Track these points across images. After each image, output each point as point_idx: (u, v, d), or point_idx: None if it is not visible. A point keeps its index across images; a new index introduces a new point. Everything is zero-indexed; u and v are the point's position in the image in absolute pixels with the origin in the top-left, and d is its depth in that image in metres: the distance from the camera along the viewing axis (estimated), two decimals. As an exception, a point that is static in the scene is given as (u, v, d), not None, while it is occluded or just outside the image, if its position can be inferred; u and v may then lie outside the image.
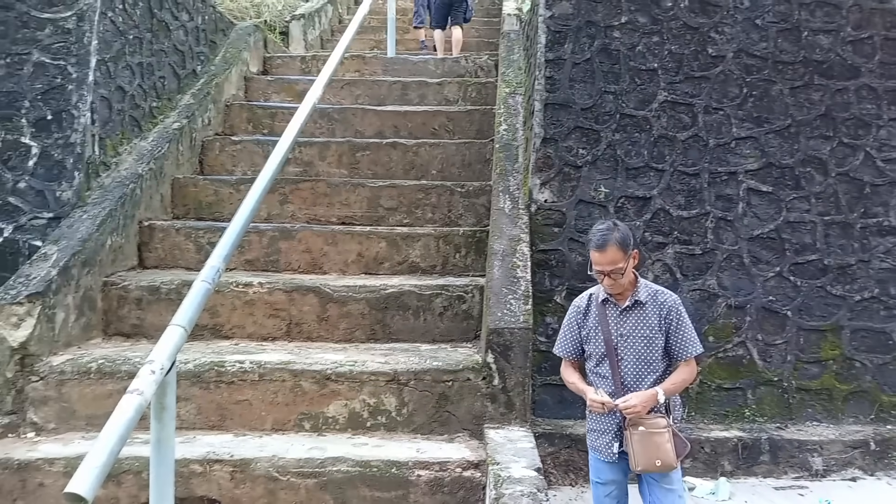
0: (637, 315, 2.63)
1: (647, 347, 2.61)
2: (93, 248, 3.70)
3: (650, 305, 2.63)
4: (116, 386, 3.14)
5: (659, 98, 4.09)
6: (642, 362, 2.62)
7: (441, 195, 4.57)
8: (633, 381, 2.61)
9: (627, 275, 2.59)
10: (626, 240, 2.55)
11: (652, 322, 2.62)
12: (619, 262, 2.53)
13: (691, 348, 2.63)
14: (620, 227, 2.59)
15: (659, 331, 2.62)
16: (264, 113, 5.47)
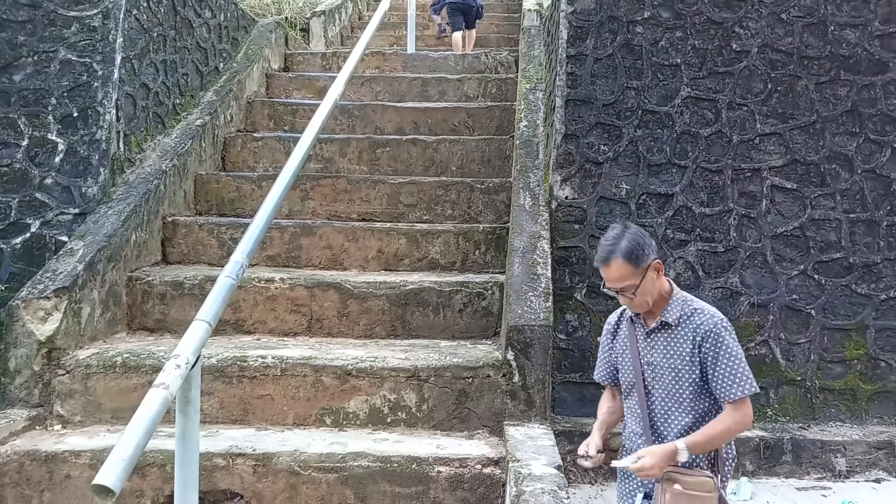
0: (665, 339, 2.15)
1: (676, 381, 2.12)
2: (118, 244, 3.75)
3: (682, 328, 2.12)
4: (141, 380, 3.18)
5: (682, 94, 4.05)
6: (671, 399, 2.14)
7: (461, 192, 4.57)
8: (662, 423, 2.16)
9: (647, 291, 2.11)
10: (635, 250, 2.08)
11: (682, 350, 2.11)
12: (628, 279, 2.09)
13: (736, 387, 2.03)
14: (630, 235, 2.11)
15: (690, 361, 2.09)
16: (285, 109, 5.50)
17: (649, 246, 2.14)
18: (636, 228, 2.16)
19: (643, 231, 2.17)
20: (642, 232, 2.15)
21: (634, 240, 2.11)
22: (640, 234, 2.14)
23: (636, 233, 2.14)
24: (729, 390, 2.06)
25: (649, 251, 2.13)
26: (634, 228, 2.16)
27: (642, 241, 2.13)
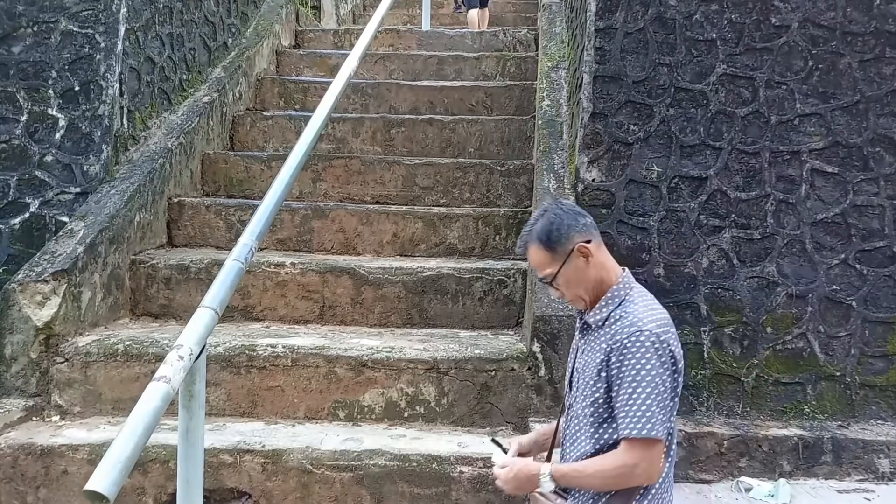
0: (589, 344, 1.76)
1: (583, 398, 1.73)
2: (120, 225, 3.57)
3: (602, 334, 1.70)
4: (144, 369, 3.01)
5: (717, 71, 3.80)
6: (580, 419, 1.75)
7: (480, 174, 4.36)
8: (569, 444, 1.81)
9: (572, 281, 1.72)
10: (551, 232, 1.70)
11: (595, 360, 1.70)
12: (546, 266, 1.72)
13: (628, 422, 1.57)
14: (549, 214, 1.73)
15: (597, 377, 1.68)
16: (296, 87, 5.29)
17: (573, 227, 1.70)
18: (563, 205, 1.76)
19: (572, 208, 1.76)
20: (569, 209, 1.74)
21: (552, 219, 1.72)
22: (561, 213, 1.73)
23: (557, 210, 1.74)
24: (621, 424, 1.60)
25: (571, 232, 1.70)
26: (560, 205, 1.76)
27: (562, 222, 1.71)
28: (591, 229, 1.76)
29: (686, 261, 3.71)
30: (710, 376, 3.67)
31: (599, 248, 1.76)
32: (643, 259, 3.70)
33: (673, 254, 3.71)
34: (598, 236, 1.78)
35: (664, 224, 3.73)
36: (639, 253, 3.70)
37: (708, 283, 3.71)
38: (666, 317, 1.70)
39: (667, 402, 1.61)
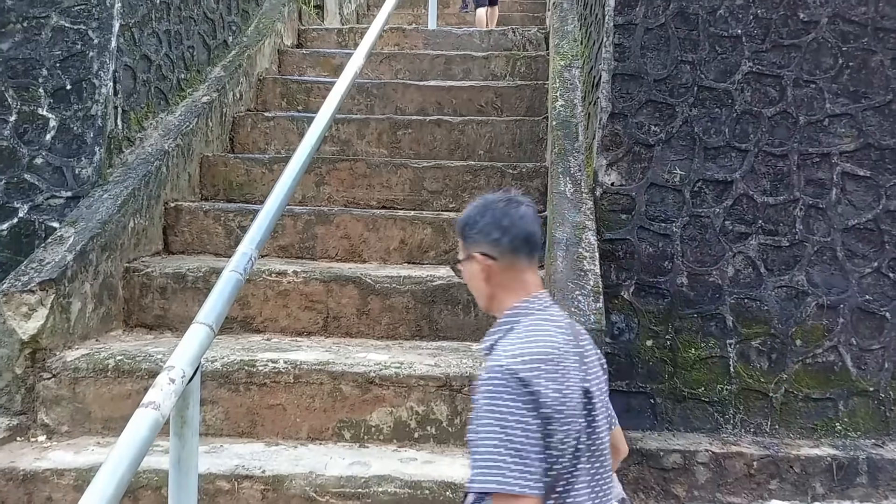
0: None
1: None
2: (113, 231, 3.38)
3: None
4: (136, 386, 2.81)
5: (742, 69, 3.61)
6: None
7: (491, 177, 4.16)
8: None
9: (469, 281, 1.58)
10: (464, 226, 1.55)
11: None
12: (459, 250, 1.60)
13: (472, 474, 1.33)
14: (481, 208, 1.54)
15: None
16: (299, 88, 5.10)
17: (486, 236, 1.50)
18: (487, 200, 1.54)
19: (495, 209, 1.51)
20: (491, 208, 1.51)
21: (470, 211, 1.55)
22: (480, 208, 1.53)
23: (481, 204, 1.54)
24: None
25: (479, 239, 1.50)
26: (486, 200, 1.54)
27: (473, 218, 1.52)
28: (507, 252, 1.48)
29: (711, 269, 3.51)
30: (736, 392, 3.46)
31: (507, 272, 1.49)
32: (665, 267, 3.50)
33: (697, 262, 3.52)
34: (519, 261, 1.50)
35: (687, 230, 3.53)
36: (661, 261, 3.50)
37: (734, 293, 3.51)
38: (542, 350, 1.38)
39: (528, 450, 1.29)
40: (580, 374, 1.43)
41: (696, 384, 3.46)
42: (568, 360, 1.41)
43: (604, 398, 1.51)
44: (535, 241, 1.52)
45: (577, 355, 1.46)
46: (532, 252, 1.52)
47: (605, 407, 1.51)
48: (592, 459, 1.42)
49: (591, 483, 1.41)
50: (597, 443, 1.44)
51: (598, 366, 1.54)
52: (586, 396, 1.42)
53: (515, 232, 1.49)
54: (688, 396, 3.45)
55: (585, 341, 1.54)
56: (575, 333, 1.52)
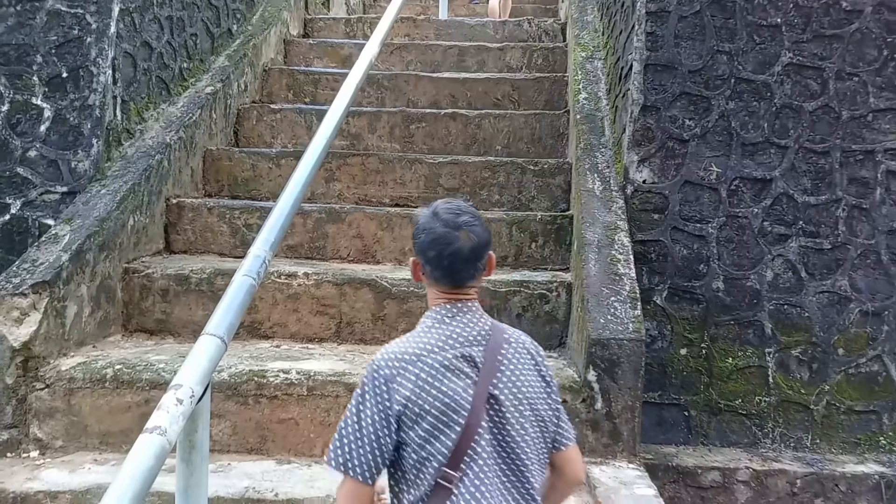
0: None
1: None
2: (112, 229, 3.16)
3: None
4: (136, 398, 2.60)
5: (782, 60, 3.40)
6: None
7: (510, 174, 3.94)
8: None
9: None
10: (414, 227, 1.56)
11: None
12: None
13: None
14: (425, 218, 1.51)
15: None
16: (306, 79, 4.87)
17: (417, 245, 1.51)
18: (430, 221, 1.49)
19: (431, 234, 1.47)
20: (429, 231, 1.47)
21: (419, 219, 1.54)
22: (423, 225, 1.50)
23: (425, 221, 1.50)
24: None
25: (415, 245, 1.51)
26: (429, 219, 1.49)
27: (416, 230, 1.52)
28: (430, 277, 1.50)
29: (748, 273, 3.30)
30: (775, 404, 3.26)
31: (430, 287, 1.53)
32: (700, 271, 3.29)
33: (734, 265, 3.31)
34: (440, 286, 1.49)
35: (724, 231, 3.32)
36: (696, 264, 3.29)
37: (773, 299, 3.30)
38: (412, 351, 1.42)
39: (366, 438, 1.37)
40: (471, 380, 1.40)
41: (732, 396, 3.25)
42: (449, 363, 1.40)
43: (530, 410, 1.44)
44: (459, 277, 1.48)
45: (471, 361, 1.41)
46: (456, 284, 1.49)
47: (534, 420, 1.45)
48: (499, 466, 1.39)
49: (491, 489, 1.37)
50: (507, 450, 1.40)
51: (529, 376, 1.47)
52: (489, 402, 1.40)
53: (440, 267, 1.47)
54: (724, 409, 3.24)
55: (509, 349, 1.47)
56: (491, 341, 1.46)
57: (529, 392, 1.45)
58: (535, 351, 1.53)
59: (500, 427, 1.41)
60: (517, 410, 1.42)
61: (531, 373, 1.47)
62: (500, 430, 1.40)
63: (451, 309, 1.48)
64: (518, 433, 1.41)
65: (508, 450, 1.40)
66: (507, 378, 1.43)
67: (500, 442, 1.40)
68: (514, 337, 1.52)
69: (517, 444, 1.41)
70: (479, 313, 1.51)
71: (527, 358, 1.49)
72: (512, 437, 1.41)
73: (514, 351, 1.48)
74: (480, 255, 1.48)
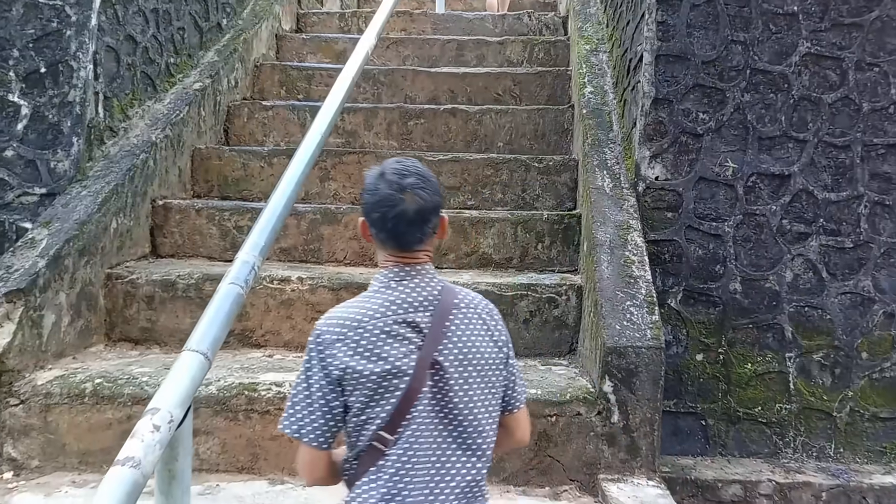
0: None
1: None
2: (93, 233, 2.97)
3: None
4: (117, 414, 2.42)
5: (800, 50, 3.23)
6: None
7: (514, 171, 3.77)
8: None
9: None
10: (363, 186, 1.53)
11: None
12: None
13: None
14: (372, 178, 1.45)
15: None
16: (299, 75, 4.69)
17: (363, 198, 1.47)
18: (377, 182, 1.42)
19: (377, 196, 1.41)
20: (375, 192, 1.42)
21: (367, 179, 1.48)
22: (370, 186, 1.44)
23: (372, 182, 1.44)
24: None
25: (361, 204, 1.50)
26: (376, 180, 1.43)
27: (364, 191, 1.47)
28: (377, 238, 1.46)
29: (767, 274, 3.14)
30: (796, 411, 3.09)
31: (379, 248, 1.49)
32: (717, 272, 3.12)
33: (752, 265, 3.14)
34: (387, 248, 1.45)
35: (741, 230, 3.15)
36: (712, 265, 3.12)
37: (793, 301, 3.13)
38: (350, 316, 1.39)
39: (313, 403, 1.37)
40: (413, 345, 1.37)
41: (751, 403, 3.08)
42: (390, 329, 1.37)
43: (478, 375, 1.41)
44: (405, 241, 1.42)
45: (415, 327, 1.38)
46: (402, 247, 1.43)
47: (483, 384, 1.42)
48: (438, 431, 1.38)
49: (425, 452, 1.36)
50: (450, 416, 1.38)
51: (479, 342, 1.43)
52: (434, 368, 1.38)
53: (384, 230, 1.42)
54: (743, 417, 3.07)
55: (458, 314, 1.43)
56: (439, 306, 1.41)
57: (478, 358, 1.42)
58: (487, 315, 1.48)
59: (443, 392, 1.38)
60: (461, 377, 1.39)
61: (481, 338, 1.44)
62: (444, 396, 1.38)
63: (399, 272, 1.44)
64: (462, 399, 1.39)
65: (451, 415, 1.38)
66: (454, 344, 1.40)
67: (444, 407, 1.38)
68: (466, 301, 1.46)
69: (460, 409, 1.39)
70: (427, 277, 1.45)
71: (478, 323, 1.44)
72: (454, 404, 1.38)
73: (464, 316, 1.43)
74: (427, 217, 1.41)
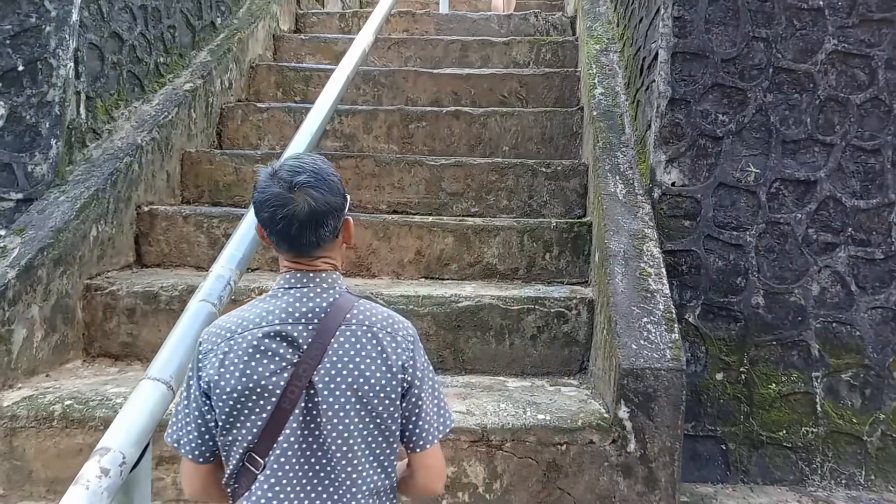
0: None
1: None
2: (70, 241, 2.78)
3: None
4: (89, 439, 2.22)
5: (826, 47, 3.02)
6: None
7: (520, 177, 3.57)
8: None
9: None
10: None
11: None
12: None
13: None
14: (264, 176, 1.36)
15: None
16: (297, 76, 4.51)
17: (254, 205, 1.37)
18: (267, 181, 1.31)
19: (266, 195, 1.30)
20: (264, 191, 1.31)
21: (259, 176, 1.38)
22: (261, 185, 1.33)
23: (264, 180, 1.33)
24: None
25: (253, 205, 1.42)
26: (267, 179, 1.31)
27: (255, 189, 1.37)
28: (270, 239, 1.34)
29: (792, 287, 2.92)
30: (823, 435, 2.87)
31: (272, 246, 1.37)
32: (738, 285, 2.91)
33: (775, 278, 2.92)
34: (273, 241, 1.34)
35: (764, 240, 2.94)
36: (733, 277, 2.91)
37: (820, 316, 2.92)
38: (226, 326, 1.28)
39: (187, 413, 1.28)
40: (285, 362, 1.24)
41: (775, 426, 2.86)
42: (258, 343, 1.25)
43: (357, 403, 1.25)
44: (297, 244, 1.29)
45: (291, 342, 1.25)
46: (295, 251, 1.31)
47: (363, 414, 1.26)
48: (306, 460, 1.24)
49: (290, 484, 1.24)
50: (316, 444, 1.24)
51: (365, 365, 1.26)
52: (307, 390, 1.24)
53: (274, 231, 1.29)
54: (766, 441, 2.85)
55: (346, 332, 1.27)
56: (325, 320, 1.27)
57: (359, 383, 1.25)
58: (386, 336, 1.29)
59: (313, 417, 1.24)
60: (336, 402, 1.24)
61: (369, 361, 1.27)
62: (313, 422, 1.25)
63: (290, 279, 1.32)
64: (336, 427, 1.24)
65: (319, 445, 1.24)
66: (332, 364, 1.25)
67: (312, 434, 1.24)
68: (360, 318, 1.29)
69: (333, 438, 1.24)
70: (321, 287, 1.31)
71: (368, 345, 1.28)
72: (326, 432, 1.24)
73: (351, 334, 1.27)
74: (322, 220, 1.27)
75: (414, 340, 1.33)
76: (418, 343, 1.34)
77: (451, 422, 1.37)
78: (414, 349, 1.31)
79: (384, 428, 1.27)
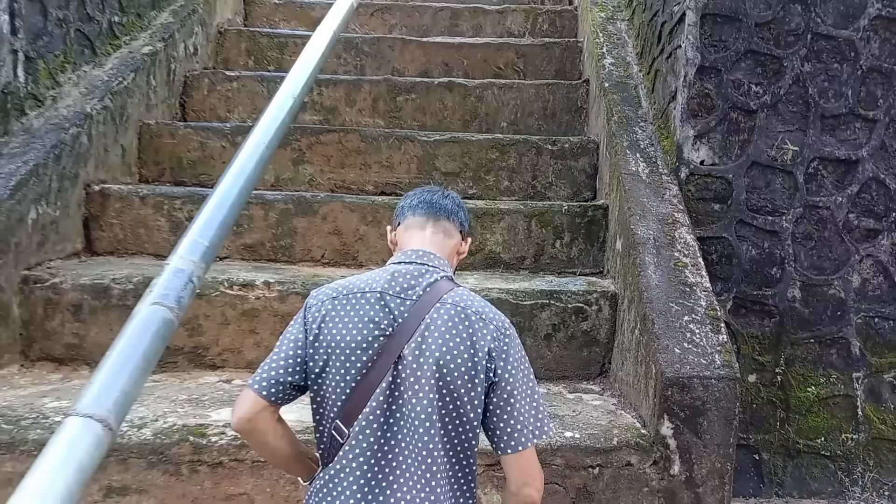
0: None
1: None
2: (4, 225, 2.35)
3: None
4: (20, 466, 1.82)
5: (869, 12, 2.71)
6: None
7: (523, 155, 3.21)
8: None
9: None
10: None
11: None
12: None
13: None
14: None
15: None
16: (270, 43, 4.07)
17: (400, 204, 1.53)
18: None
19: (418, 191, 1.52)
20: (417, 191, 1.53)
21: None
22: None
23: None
24: None
25: (398, 210, 1.53)
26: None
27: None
28: (401, 213, 1.49)
29: (831, 278, 2.62)
30: (864, 442, 2.59)
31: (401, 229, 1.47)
32: (773, 276, 2.59)
33: (813, 268, 2.62)
34: (410, 211, 1.47)
35: (801, 226, 2.63)
36: (767, 267, 2.59)
37: (861, 310, 2.63)
38: (344, 285, 1.34)
39: (278, 356, 1.31)
40: (383, 332, 1.26)
41: (813, 433, 2.57)
42: (364, 307, 1.29)
43: (428, 376, 1.24)
44: (438, 206, 1.46)
45: (389, 311, 1.28)
46: (432, 208, 1.45)
47: (435, 389, 1.24)
48: (385, 435, 1.24)
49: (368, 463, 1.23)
50: (401, 422, 1.24)
51: (455, 348, 1.25)
52: (396, 365, 1.25)
53: (417, 196, 1.48)
54: (803, 450, 2.56)
55: (440, 310, 1.28)
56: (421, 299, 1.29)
57: (446, 360, 1.24)
58: (477, 318, 1.28)
59: (398, 393, 1.25)
60: (424, 377, 1.24)
61: (460, 341, 1.26)
62: (397, 398, 1.25)
63: (401, 257, 1.38)
64: (415, 406, 1.23)
65: (397, 427, 1.24)
66: (423, 339, 1.26)
67: (392, 413, 1.24)
68: (456, 300, 1.30)
69: (410, 419, 1.23)
70: (427, 267, 1.34)
71: (459, 323, 1.27)
72: (404, 409, 1.24)
73: (445, 313, 1.27)
74: (456, 210, 1.46)
75: (509, 334, 1.29)
76: (515, 338, 1.30)
77: (549, 429, 1.30)
78: (508, 342, 1.28)
79: (462, 413, 1.24)
